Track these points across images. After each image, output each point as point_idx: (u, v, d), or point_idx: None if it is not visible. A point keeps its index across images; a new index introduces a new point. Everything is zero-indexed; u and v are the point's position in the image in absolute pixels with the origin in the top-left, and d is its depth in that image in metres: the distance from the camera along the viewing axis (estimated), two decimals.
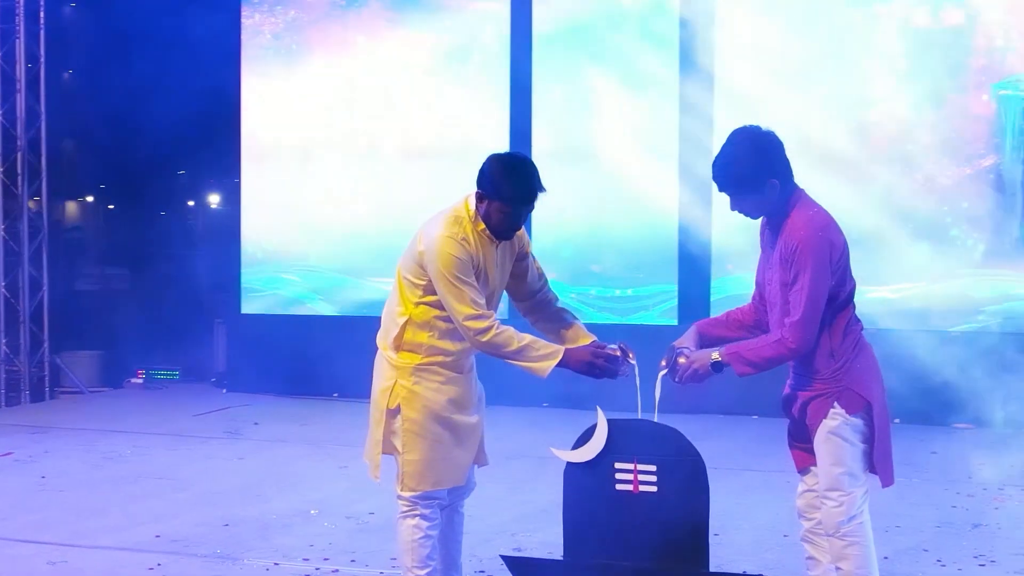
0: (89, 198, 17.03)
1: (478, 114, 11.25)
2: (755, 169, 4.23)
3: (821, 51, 10.27)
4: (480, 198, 4.43)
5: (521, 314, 4.79)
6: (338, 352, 11.02)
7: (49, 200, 12.16)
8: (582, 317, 5.04)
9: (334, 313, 11.74)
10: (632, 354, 4.43)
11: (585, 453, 4.37)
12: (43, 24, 11.89)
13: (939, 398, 9.24)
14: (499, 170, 4.42)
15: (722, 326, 4.57)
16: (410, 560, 4.52)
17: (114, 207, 16.68)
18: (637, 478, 4.31)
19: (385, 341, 4.59)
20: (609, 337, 4.57)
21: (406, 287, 4.52)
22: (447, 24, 11.40)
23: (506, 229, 4.47)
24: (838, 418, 4.21)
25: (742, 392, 8.06)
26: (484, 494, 5.14)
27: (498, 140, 10.89)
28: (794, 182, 4.31)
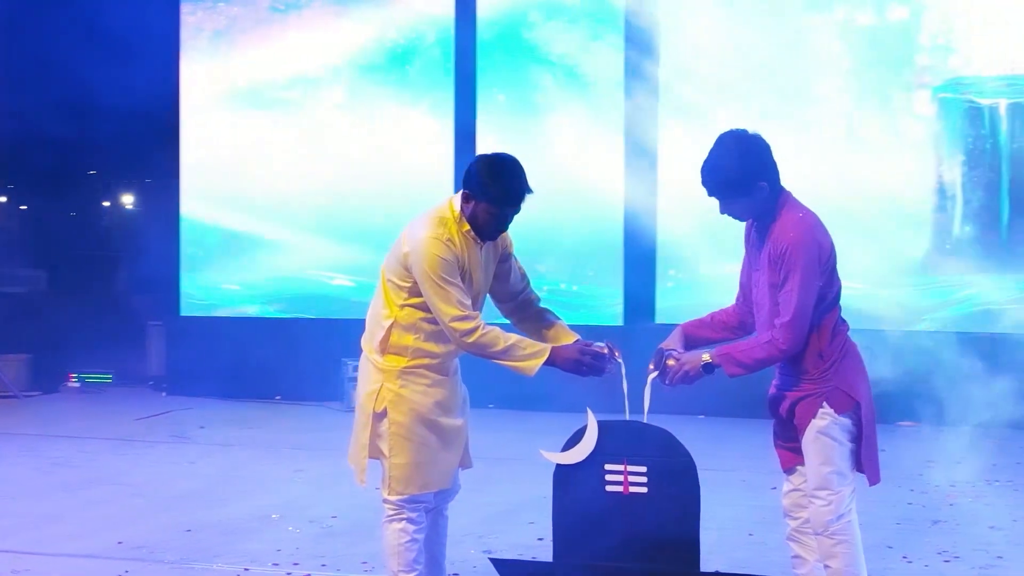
0: (2, 198, 16.55)
1: (421, 117, 11.20)
2: (743, 172, 4.25)
3: (767, 46, 10.34)
4: (467, 198, 4.40)
5: (503, 315, 4.76)
6: (279, 354, 10.93)
7: None
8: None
9: (276, 315, 11.61)
10: (618, 352, 4.44)
11: (575, 455, 4.37)
12: None
13: (885, 398, 9.34)
14: (487, 171, 4.38)
15: (707, 327, 4.60)
16: (396, 564, 4.47)
17: (27, 207, 16.18)
18: (627, 479, 4.32)
19: (370, 344, 4.53)
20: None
21: (391, 289, 4.47)
22: (390, 23, 11.34)
23: (492, 230, 4.45)
24: (827, 418, 4.25)
25: (688, 392, 8.09)
26: None
27: (443, 141, 10.86)
28: (781, 184, 4.35)
